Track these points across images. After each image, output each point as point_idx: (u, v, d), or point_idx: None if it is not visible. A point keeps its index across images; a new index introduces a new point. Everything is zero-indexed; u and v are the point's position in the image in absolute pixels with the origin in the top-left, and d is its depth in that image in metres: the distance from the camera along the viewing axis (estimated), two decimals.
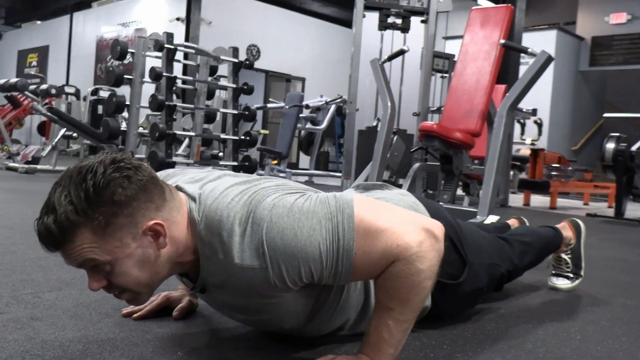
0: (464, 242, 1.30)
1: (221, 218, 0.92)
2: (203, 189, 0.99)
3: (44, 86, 7.11)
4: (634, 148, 4.50)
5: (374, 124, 4.80)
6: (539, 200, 6.17)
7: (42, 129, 10.24)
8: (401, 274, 0.92)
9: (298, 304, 1.02)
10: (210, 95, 5.57)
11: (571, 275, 1.81)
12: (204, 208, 0.95)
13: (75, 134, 6.57)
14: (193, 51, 5.40)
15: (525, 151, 7.04)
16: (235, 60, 5.31)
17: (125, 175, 0.89)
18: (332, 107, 7.58)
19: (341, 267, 0.91)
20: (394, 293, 0.94)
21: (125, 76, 4.89)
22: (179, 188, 1.00)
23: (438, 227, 0.96)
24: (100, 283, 0.93)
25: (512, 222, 1.93)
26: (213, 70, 5.51)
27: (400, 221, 0.95)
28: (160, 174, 1.11)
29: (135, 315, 1.25)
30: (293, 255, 0.89)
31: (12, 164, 5.93)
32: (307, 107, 7.77)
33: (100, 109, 9.26)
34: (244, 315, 1.10)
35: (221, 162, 5.29)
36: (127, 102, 4.89)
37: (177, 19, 10.46)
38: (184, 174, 1.12)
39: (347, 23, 7.86)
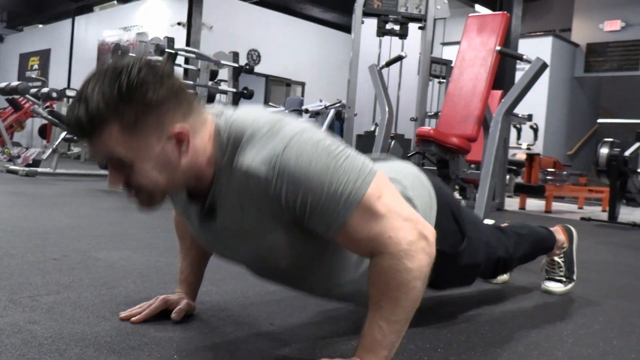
0: (463, 216, 1.30)
1: (245, 126, 0.95)
2: (231, 108, 1.02)
3: (45, 89, 7.11)
4: (627, 153, 4.51)
5: (372, 129, 4.81)
6: (534, 204, 6.18)
7: (43, 132, 10.24)
8: (389, 269, 0.92)
9: (291, 241, 1.01)
10: (210, 99, 5.57)
11: (564, 279, 1.82)
12: (230, 120, 0.98)
13: (76, 137, 6.55)
14: (194, 55, 5.41)
15: (521, 156, 7.04)
16: (236, 65, 5.32)
17: (159, 78, 0.90)
18: (332, 112, 7.57)
19: (334, 218, 0.91)
20: (383, 289, 0.94)
21: None
22: (206, 109, 1.02)
23: (431, 231, 0.96)
24: (119, 179, 0.94)
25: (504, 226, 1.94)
26: (214, 75, 5.52)
27: (400, 215, 0.94)
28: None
29: (133, 318, 1.24)
30: (299, 179, 0.90)
31: (12, 167, 5.91)
32: (307, 111, 7.76)
33: None
34: (242, 245, 1.06)
35: None
36: None
37: (179, 24, 10.47)
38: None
39: (347, 29, 7.88)
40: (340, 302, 1.30)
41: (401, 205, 0.98)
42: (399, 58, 3.85)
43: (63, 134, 6.42)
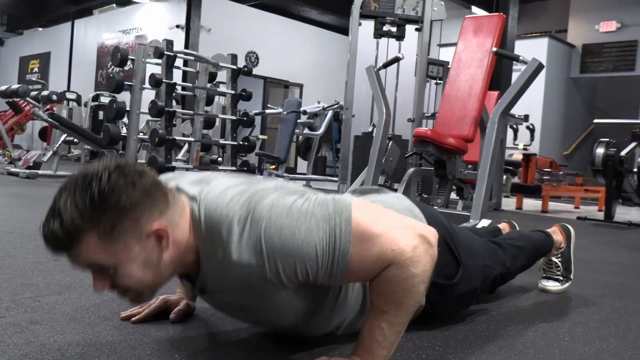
0: (458, 245, 1.31)
1: (220, 217, 0.93)
2: (203, 189, 1.00)
3: (45, 92, 7.10)
4: (623, 153, 4.52)
5: (370, 130, 4.81)
6: (531, 204, 6.19)
7: (44, 135, 10.22)
8: (395, 278, 0.93)
9: (297, 302, 1.02)
10: (209, 101, 5.57)
11: (561, 278, 1.82)
12: (205, 207, 0.96)
13: (76, 140, 6.57)
14: (192, 58, 5.41)
15: (517, 156, 7.05)
16: (234, 67, 5.32)
17: (129, 181, 0.89)
18: (329, 113, 7.59)
19: (336, 268, 0.92)
20: (388, 297, 0.95)
21: (126, 82, 4.89)
22: (180, 190, 1.01)
23: (432, 233, 0.97)
24: (104, 284, 0.94)
25: (503, 227, 1.94)
26: (212, 77, 5.51)
27: (395, 226, 0.95)
28: (162, 178, 1.12)
29: (133, 318, 1.25)
30: (290, 253, 0.90)
31: (13, 169, 5.91)
32: (305, 112, 7.76)
33: (101, 114, 9.26)
34: (244, 314, 1.10)
35: (220, 167, 5.29)
36: (128, 108, 4.89)
37: (177, 26, 10.47)
38: (184, 176, 1.13)
39: (344, 31, 7.89)
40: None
41: (391, 218, 0.99)
42: (396, 59, 3.85)
43: (63, 137, 6.42)
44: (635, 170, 4.65)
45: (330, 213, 0.93)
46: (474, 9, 9.26)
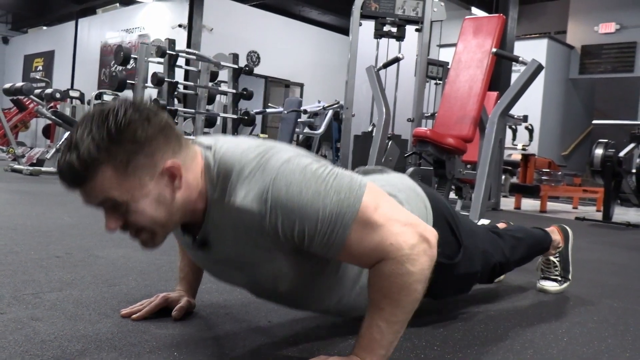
0: (459, 226, 1.30)
1: (233, 162, 0.94)
2: (219, 140, 1.01)
3: (49, 90, 7.10)
4: (621, 154, 4.51)
5: (370, 130, 4.80)
6: (529, 204, 6.18)
7: (47, 132, 10.22)
8: (391, 273, 0.92)
9: (293, 266, 1.01)
10: (210, 100, 5.56)
11: (559, 278, 1.81)
12: (219, 154, 0.97)
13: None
14: (194, 57, 5.41)
15: (516, 156, 7.04)
16: (236, 66, 5.31)
17: (145, 116, 0.90)
18: (330, 113, 7.58)
19: (333, 240, 0.91)
20: (385, 292, 0.94)
21: (128, 81, 4.88)
22: (194, 140, 1.02)
23: (432, 234, 0.96)
24: (117, 222, 0.93)
25: (501, 226, 1.93)
26: (214, 76, 5.50)
27: (399, 222, 0.94)
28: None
29: (134, 316, 1.24)
30: (292, 210, 0.89)
31: (17, 166, 5.91)
32: (305, 112, 7.76)
33: None
34: (240, 273, 1.07)
35: None
36: None
37: (180, 26, 10.46)
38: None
39: (345, 31, 7.88)
40: (335, 316, 1.30)
41: (398, 212, 0.97)
42: (396, 60, 3.85)
43: (66, 134, 6.41)
44: (633, 171, 4.64)
45: (343, 186, 0.92)
46: (474, 9, 9.24)
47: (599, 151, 4.54)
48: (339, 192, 0.91)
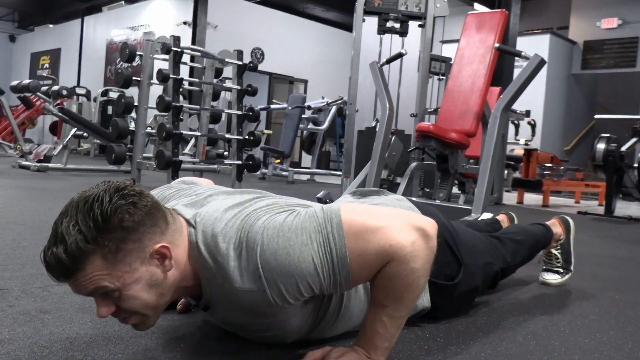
0: (458, 244, 1.30)
1: (217, 243, 0.92)
2: (198, 213, 0.99)
3: (55, 87, 7.12)
4: (623, 148, 4.49)
5: (373, 125, 4.79)
6: (532, 199, 6.16)
7: (54, 129, 10.25)
8: (396, 274, 0.91)
9: (300, 319, 1.01)
10: (215, 96, 5.55)
11: (561, 270, 1.81)
12: (201, 233, 0.95)
13: (85, 134, 6.57)
14: (199, 54, 5.39)
15: (519, 151, 7.01)
16: (240, 63, 5.30)
17: (130, 202, 0.88)
18: (333, 108, 7.57)
19: (339, 275, 0.90)
20: (389, 292, 0.94)
21: (134, 78, 4.88)
22: (176, 212, 1.00)
23: (430, 225, 0.95)
24: (109, 309, 0.90)
25: (502, 218, 1.93)
26: (218, 73, 5.49)
27: (391, 221, 0.93)
28: (157, 194, 1.11)
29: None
30: (289, 273, 0.88)
31: (24, 163, 5.93)
32: (309, 108, 7.75)
33: (109, 109, 9.26)
34: (247, 332, 1.08)
35: (226, 161, 5.28)
36: (136, 103, 4.88)
37: (184, 23, 10.45)
38: (180, 194, 1.12)
39: (348, 27, 7.85)
40: None
41: (386, 213, 0.97)
42: (400, 55, 3.83)
43: (73, 131, 6.42)
44: (635, 165, 4.62)
45: (320, 222, 0.92)
46: (476, 5, 9.19)
47: (601, 146, 4.52)
48: (319, 231, 0.91)
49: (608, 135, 4.60)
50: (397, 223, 0.93)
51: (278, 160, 7.44)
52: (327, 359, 0.97)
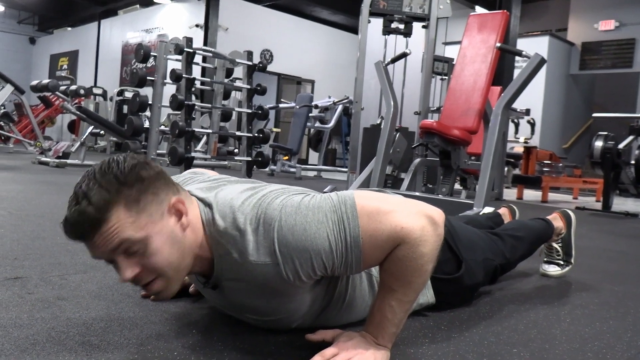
0: (457, 242, 1.29)
1: (235, 218, 0.92)
2: (214, 194, 0.99)
3: (73, 87, 7.13)
4: (620, 146, 4.44)
5: (378, 122, 4.77)
6: (531, 195, 6.12)
7: (72, 127, 10.28)
8: (406, 258, 0.90)
9: (307, 301, 1.00)
10: (226, 95, 5.55)
11: (562, 262, 1.79)
12: (218, 210, 0.94)
13: (102, 132, 6.59)
14: (211, 55, 5.39)
15: (519, 149, 6.97)
16: (250, 64, 5.29)
17: (144, 161, 0.92)
18: (339, 107, 7.54)
19: (351, 254, 0.90)
20: (398, 276, 0.93)
21: (148, 78, 4.88)
22: (190, 193, 1.00)
23: (438, 213, 0.94)
24: (133, 270, 0.88)
25: (503, 211, 1.91)
26: (229, 73, 5.49)
27: (401, 206, 0.93)
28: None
29: (153, 296, 1.24)
30: (305, 248, 0.88)
31: (44, 159, 5.96)
32: (316, 107, 7.74)
33: (125, 108, 9.28)
34: (253, 315, 1.06)
35: (236, 158, 5.28)
36: (150, 102, 4.89)
37: (197, 26, 10.46)
38: (192, 180, 1.12)
39: (354, 30, 7.83)
40: None
41: (397, 200, 0.96)
42: (404, 55, 3.80)
43: (90, 129, 6.45)
44: (632, 162, 4.57)
45: (335, 203, 0.91)
46: (478, 8, 9.12)
47: (598, 143, 4.47)
48: (335, 211, 0.90)
49: (605, 133, 4.55)
50: (408, 208, 0.92)
51: (286, 157, 7.43)
52: (335, 341, 0.96)
